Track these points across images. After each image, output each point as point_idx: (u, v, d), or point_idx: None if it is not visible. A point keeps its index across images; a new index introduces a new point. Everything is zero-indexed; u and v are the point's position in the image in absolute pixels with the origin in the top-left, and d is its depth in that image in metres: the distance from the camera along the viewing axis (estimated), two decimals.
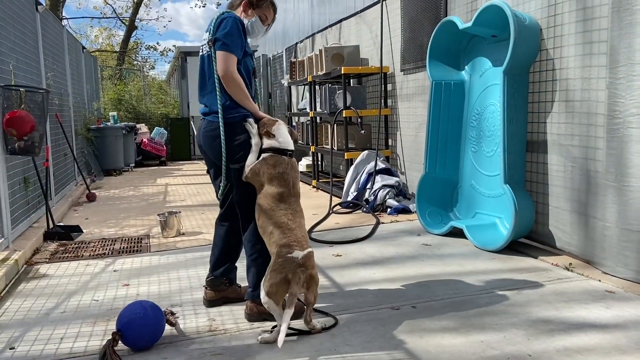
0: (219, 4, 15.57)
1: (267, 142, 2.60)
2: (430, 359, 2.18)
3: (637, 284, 2.90)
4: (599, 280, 3.03)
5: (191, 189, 7.60)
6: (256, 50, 12.66)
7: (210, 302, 2.87)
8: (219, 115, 2.63)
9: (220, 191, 2.80)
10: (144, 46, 25.64)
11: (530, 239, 3.82)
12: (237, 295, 2.88)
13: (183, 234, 4.66)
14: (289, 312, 2.30)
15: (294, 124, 8.60)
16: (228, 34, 2.58)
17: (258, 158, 2.59)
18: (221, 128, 2.62)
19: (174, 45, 23.91)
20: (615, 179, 2.98)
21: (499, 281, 3.09)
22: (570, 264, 3.31)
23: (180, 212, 4.79)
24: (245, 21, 2.71)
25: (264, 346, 2.36)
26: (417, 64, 5.33)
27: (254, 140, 2.62)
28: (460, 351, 2.23)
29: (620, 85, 2.91)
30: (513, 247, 3.70)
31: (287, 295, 2.35)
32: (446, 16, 4.61)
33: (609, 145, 3.02)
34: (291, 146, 2.63)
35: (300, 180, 8.77)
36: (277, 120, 2.68)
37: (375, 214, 5.07)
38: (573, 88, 3.33)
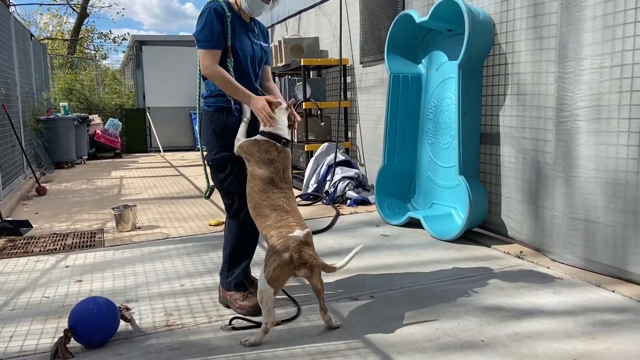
0: None
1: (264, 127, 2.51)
2: (387, 346, 2.22)
3: (583, 271, 3.04)
4: (548, 267, 3.15)
5: (148, 181, 7.43)
6: None
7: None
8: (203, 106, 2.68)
9: (204, 193, 2.85)
10: (97, 34, 24.72)
11: (483, 228, 3.94)
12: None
13: (139, 228, 4.56)
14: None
15: None
16: (201, 30, 2.56)
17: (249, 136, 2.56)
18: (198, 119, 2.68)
19: (127, 33, 23.20)
20: (564, 169, 3.10)
21: (454, 270, 3.18)
22: (521, 252, 3.43)
23: (136, 205, 4.68)
24: (244, 2, 2.62)
25: (222, 340, 2.34)
26: (376, 56, 5.37)
27: (246, 116, 2.58)
28: (416, 339, 2.28)
29: (568, 80, 3.03)
30: (468, 237, 3.81)
31: (300, 276, 2.30)
32: (404, 10, 4.67)
33: (558, 137, 3.14)
34: (287, 135, 2.54)
35: None
36: (280, 103, 2.58)
37: (335, 205, 5.10)
38: (524, 82, 3.44)
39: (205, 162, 2.76)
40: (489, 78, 3.77)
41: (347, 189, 5.28)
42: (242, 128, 2.60)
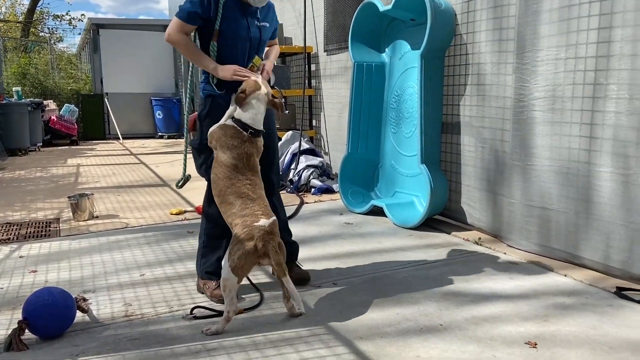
0: None
1: (239, 112, 2.43)
2: (349, 332, 2.24)
3: (538, 256, 3.14)
4: (505, 253, 3.25)
5: (105, 169, 7.24)
6: None
7: None
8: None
9: (177, 182, 2.86)
10: (51, 16, 23.72)
11: (444, 215, 4.02)
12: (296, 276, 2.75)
13: (97, 217, 4.44)
14: (288, 279, 2.27)
15: None
16: (186, 2, 2.53)
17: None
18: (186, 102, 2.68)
19: (83, 14, 22.33)
20: (520, 158, 3.19)
21: (415, 257, 3.23)
22: (480, 238, 3.53)
23: (93, 194, 4.55)
24: None
25: (183, 329, 2.32)
26: (340, 44, 5.37)
27: (230, 109, 2.50)
28: (377, 324, 2.32)
29: (525, 71, 3.10)
30: (429, 224, 3.88)
31: (264, 265, 2.29)
32: None
33: (515, 127, 3.22)
34: (258, 126, 2.45)
35: None
36: (259, 88, 2.45)
37: (299, 194, 5.10)
38: (485, 72, 3.51)
39: (186, 150, 2.75)
40: (451, 68, 3.82)
41: (311, 177, 5.28)
42: (224, 117, 2.51)
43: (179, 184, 2.90)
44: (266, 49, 2.84)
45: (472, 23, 3.59)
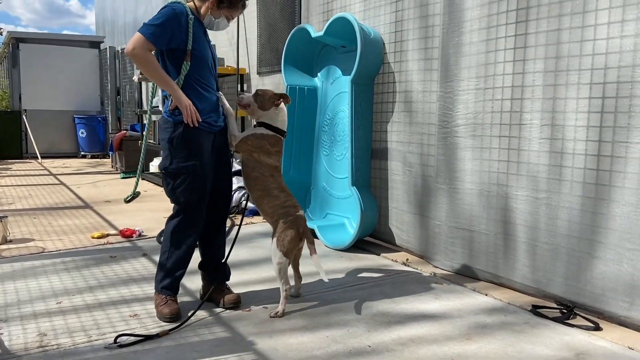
0: None
1: (268, 116, 2.78)
2: (279, 357, 2.22)
3: (462, 276, 3.28)
4: (431, 274, 3.36)
5: (21, 190, 6.78)
6: (102, 42, 11.79)
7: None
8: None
9: (126, 197, 2.74)
10: None
11: (374, 237, 4.11)
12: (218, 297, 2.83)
13: (10, 241, 4.14)
14: (316, 257, 2.69)
15: (144, 122, 8.15)
16: (154, 22, 2.51)
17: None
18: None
19: (1, 28, 21.14)
20: (445, 182, 3.34)
21: (346, 278, 3.27)
22: (408, 259, 3.63)
23: (7, 216, 4.25)
24: (211, 18, 2.64)
25: (101, 356, 2.19)
26: (273, 67, 5.42)
27: (229, 111, 2.79)
28: (307, 347, 2.31)
29: (449, 99, 3.27)
30: (359, 246, 3.94)
31: (303, 248, 2.75)
32: (301, 23, 4.76)
33: (439, 152, 3.37)
34: (286, 126, 2.84)
35: (153, 183, 8.32)
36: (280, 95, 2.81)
37: (231, 216, 5.03)
38: (411, 99, 3.66)
39: (140, 169, 2.70)
40: (379, 95, 3.96)
41: (243, 199, 5.22)
42: (233, 123, 2.81)
43: (127, 199, 2.82)
44: None
45: (399, 52, 3.74)
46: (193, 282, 3.10)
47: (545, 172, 2.78)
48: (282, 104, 2.81)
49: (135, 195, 2.83)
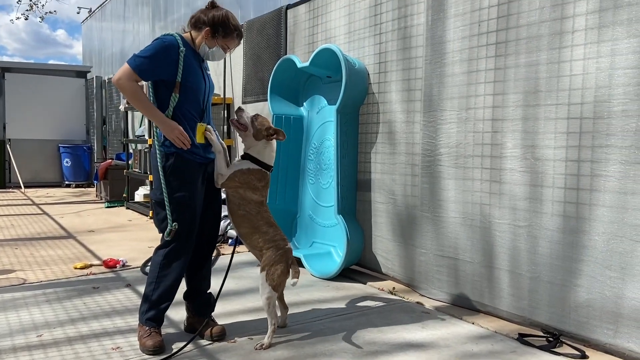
0: (42, 19, 14.32)
1: (256, 149, 2.76)
2: None
3: (449, 305, 3.28)
4: (417, 302, 3.35)
5: (3, 220, 6.67)
6: (89, 71, 11.82)
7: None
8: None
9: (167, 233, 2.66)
10: None
11: (360, 265, 4.10)
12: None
13: None
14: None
15: (130, 151, 8.13)
16: (144, 55, 2.52)
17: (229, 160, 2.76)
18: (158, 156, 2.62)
19: None
20: (429, 210, 3.37)
21: (332, 308, 3.25)
22: (394, 288, 3.62)
23: None
24: (205, 48, 2.66)
25: None
26: (259, 97, 5.47)
27: (217, 148, 2.71)
28: None
29: (431, 128, 3.33)
30: (346, 274, 3.93)
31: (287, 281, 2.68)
32: (286, 54, 4.84)
33: (423, 180, 3.41)
34: (273, 161, 2.83)
35: (137, 212, 8.22)
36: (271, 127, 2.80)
37: (216, 245, 4.98)
38: (395, 129, 3.72)
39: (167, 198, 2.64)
40: (364, 125, 4.01)
41: (228, 228, 5.20)
42: (222, 161, 2.72)
43: (168, 235, 2.65)
44: None
45: (384, 83, 3.82)
46: (177, 312, 3.06)
47: (527, 203, 2.83)
48: (274, 139, 2.79)
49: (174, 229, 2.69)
